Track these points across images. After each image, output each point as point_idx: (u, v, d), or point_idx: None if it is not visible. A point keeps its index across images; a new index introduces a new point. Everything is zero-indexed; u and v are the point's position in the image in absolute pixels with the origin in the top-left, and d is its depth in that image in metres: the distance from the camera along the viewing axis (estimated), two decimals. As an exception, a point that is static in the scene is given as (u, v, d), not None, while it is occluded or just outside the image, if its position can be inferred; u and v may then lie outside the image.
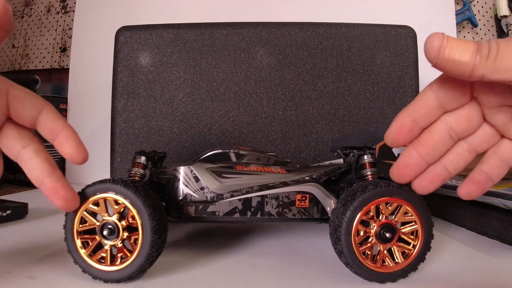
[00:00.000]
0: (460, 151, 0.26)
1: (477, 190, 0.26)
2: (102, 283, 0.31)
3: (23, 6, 1.00)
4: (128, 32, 0.56)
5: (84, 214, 0.31)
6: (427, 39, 0.21)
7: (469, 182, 0.26)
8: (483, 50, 0.20)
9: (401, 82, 0.55)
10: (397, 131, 0.25)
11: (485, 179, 0.25)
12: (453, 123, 0.25)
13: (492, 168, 0.25)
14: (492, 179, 0.26)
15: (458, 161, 0.26)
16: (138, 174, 0.35)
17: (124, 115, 0.55)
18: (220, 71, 0.55)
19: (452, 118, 0.25)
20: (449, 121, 0.25)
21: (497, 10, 0.85)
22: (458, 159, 0.26)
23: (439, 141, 0.25)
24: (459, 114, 0.25)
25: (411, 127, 0.25)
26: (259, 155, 0.39)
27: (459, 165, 0.26)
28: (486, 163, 0.26)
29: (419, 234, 0.31)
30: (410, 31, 0.55)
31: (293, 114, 0.55)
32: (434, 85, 0.25)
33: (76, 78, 0.89)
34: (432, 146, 0.25)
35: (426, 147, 0.26)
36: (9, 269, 0.33)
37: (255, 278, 0.32)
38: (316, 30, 0.55)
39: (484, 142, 0.26)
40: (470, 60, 0.20)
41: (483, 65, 0.20)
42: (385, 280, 0.31)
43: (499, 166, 0.25)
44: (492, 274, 0.34)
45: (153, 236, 0.30)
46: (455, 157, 0.26)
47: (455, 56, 0.20)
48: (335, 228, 0.31)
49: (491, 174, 0.25)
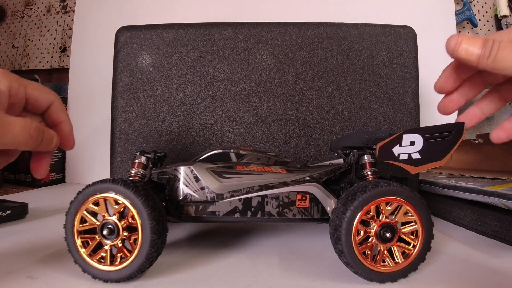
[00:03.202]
0: (492, 98, 0.33)
1: (505, 135, 0.32)
2: (102, 283, 0.31)
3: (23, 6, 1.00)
4: (128, 32, 0.56)
5: (84, 214, 0.31)
6: (447, 40, 0.29)
7: (499, 128, 0.32)
8: (487, 48, 0.27)
9: (401, 82, 0.55)
10: (444, 81, 0.33)
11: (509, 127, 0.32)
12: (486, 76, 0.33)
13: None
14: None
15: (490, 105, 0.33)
16: (138, 174, 0.35)
17: (124, 115, 0.55)
18: (220, 71, 0.55)
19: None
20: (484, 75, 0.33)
21: (497, 10, 0.85)
22: (491, 103, 0.33)
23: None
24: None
25: (455, 78, 0.33)
26: (259, 155, 0.39)
27: (492, 108, 0.33)
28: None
29: (419, 234, 0.31)
30: (410, 31, 0.55)
31: (293, 114, 0.55)
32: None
33: (76, 78, 0.89)
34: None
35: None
36: (9, 269, 0.33)
37: (255, 278, 0.32)
38: (316, 30, 0.55)
39: (511, 92, 0.32)
40: (479, 52, 0.27)
41: (484, 63, 0.27)
42: (385, 280, 0.31)
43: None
44: (492, 274, 0.34)
45: (152, 236, 0.30)
46: (488, 102, 0.33)
47: (469, 48, 0.28)
48: (335, 227, 0.31)
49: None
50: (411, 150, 0.33)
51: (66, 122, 0.32)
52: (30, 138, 0.27)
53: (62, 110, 0.32)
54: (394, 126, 0.54)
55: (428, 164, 0.33)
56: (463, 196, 0.47)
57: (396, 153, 0.33)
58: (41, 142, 0.28)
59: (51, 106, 0.31)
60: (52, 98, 0.31)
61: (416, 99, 0.55)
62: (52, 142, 0.30)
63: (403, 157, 0.33)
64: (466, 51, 0.28)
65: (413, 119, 0.54)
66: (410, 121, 0.54)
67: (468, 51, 0.28)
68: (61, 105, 0.32)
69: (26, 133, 0.27)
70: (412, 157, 0.33)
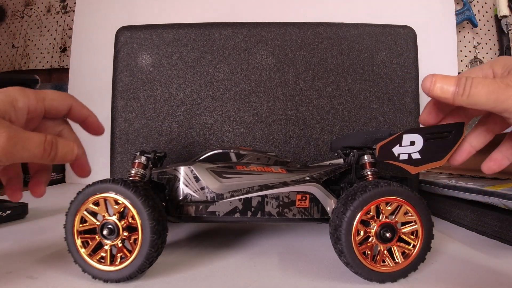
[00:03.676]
0: (480, 131, 0.34)
1: (496, 165, 0.33)
2: (102, 283, 0.31)
3: (23, 6, 1.00)
4: (128, 32, 0.56)
5: (84, 214, 0.31)
6: (423, 80, 0.30)
7: (488, 160, 0.33)
8: (460, 86, 0.28)
9: (401, 82, 0.55)
10: (427, 116, 0.35)
11: (501, 157, 0.32)
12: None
13: (507, 149, 0.32)
14: (508, 157, 0.32)
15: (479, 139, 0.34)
16: (138, 174, 0.35)
17: (124, 115, 0.55)
18: (220, 71, 0.55)
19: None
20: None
21: (497, 10, 0.85)
22: (479, 137, 0.34)
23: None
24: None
25: (437, 113, 0.34)
26: (260, 155, 0.39)
27: (481, 142, 0.34)
28: (502, 146, 0.33)
29: (419, 234, 0.31)
30: (410, 31, 0.55)
31: (293, 114, 0.55)
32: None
33: (76, 78, 0.89)
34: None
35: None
36: (9, 269, 0.33)
37: (255, 278, 0.32)
38: (316, 30, 0.55)
39: (496, 124, 0.33)
40: (453, 89, 0.29)
41: (459, 99, 0.28)
42: (385, 280, 0.31)
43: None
44: (492, 274, 0.34)
45: (152, 236, 0.30)
46: (477, 135, 0.34)
47: (443, 87, 0.29)
48: (335, 227, 0.31)
49: (506, 154, 0.32)
50: (411, 150, 0.33)
51: (90, 115, 0.35)
52: (45, 152, 0.29)
53: (82, 107, 0.35)
54: (394, 126, 0.54)
55: (428, 164, 0.33)
56: (463, 196, 0.47)
57: (396, 153, 0.33)
58: (55, 155, 0.30)
59: (71, 109, 0.34)
60: (70, 101, 0.34)
61: (416, 99, 0.55)
62: (70, 154, 0.31)
63: (403, 157, 0.33)
64: (441, 90, 0.29)
65: (413, 119, 0.54)
66: (410, 121, 0.54)
67: (443, 89, 0.29)
68: (79, 104, 0.35)
69: (41, 147, 0.28)
70: (412, 157, 0.33)
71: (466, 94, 0.28)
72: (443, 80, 0.29)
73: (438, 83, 0.29)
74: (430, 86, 0.29)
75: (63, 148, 0.31)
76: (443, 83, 0.29)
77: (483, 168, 0.33)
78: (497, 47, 0.87)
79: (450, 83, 0.29)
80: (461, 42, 0.86)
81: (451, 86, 0.29)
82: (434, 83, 0.29)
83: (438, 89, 0.29)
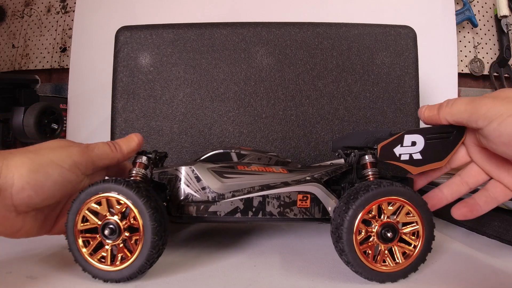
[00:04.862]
0: (455, 181, 0.37)
1: (466, 209, 0.36)
2: (102, 283, 0.31)
3: (23, 6, 1.00)
4: (128, 32, 0.56)
5: (86, 213, 0.31)
6: (418, 112, 0.36)
7: (460, 204, 0.36)
8: (444, 104, 0.33)
9: (401, 82, 0.55)
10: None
11: (473, 203, 0.35)
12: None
13: (480, 198, 0.35)
14: (481, 206, 0.35)
15: (455, 189, 0.37)
16: (140, 174, 0.35)
17: (124, 115, 0.55)
18: (220, 71, 0.55)
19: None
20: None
21: (497, 10, 0.85)
22: (455, 188, 0.37)
23: None
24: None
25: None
26: (261, 155, 0.39)
27: (455, 193, 0.37)
28: (478, 194, 0.36)
29: (420, 235, 0.31)
30: (410, 31, 0.55)
31: (293, 114, 0.55)
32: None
33: (76, 78, 0.89)
34: None
35: None
36: (9, 269, 0.33)
37: (255, 278, 0.32)
38: (316, 30, 0.55)
39: (472, 177, 0.36)
40: (436, 112, 0.34)
41: (443, 111, 0.33)
42: (385, 280, 0.31)
43: (488, 199, 0.35)
44: (492, 274, 0.34)
45: (154, 237, 0.30)
46: (451, 185, 0.37)
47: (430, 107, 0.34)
48: (336, 226, 0.31)
49: (479, 202, 0.35)
50: (412, 150, 0.33)
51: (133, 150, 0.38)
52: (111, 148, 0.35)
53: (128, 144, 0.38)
54: (394, 126, 0.54)
55: (429, 165, 0.33)
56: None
57: (397, 153, 0.33)
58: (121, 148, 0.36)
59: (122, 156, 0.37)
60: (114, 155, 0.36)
61: (416, 99, 0.55)
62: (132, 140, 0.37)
63: (404, 157, 0.33)
64: (428, 110, 0.34)
65: (413, 119, 0.54)
66: (410, 121, 0.54)
67: (430, 109, 0.34)
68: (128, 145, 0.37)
69: (106, 146, 0.35)
70: (413, 157, 0.33)
71: (449, 106, 0.32)
72: (430, 105, 0.35)
73: (426, 107, 0.35)
74: (421, 112, 0.35)
75: (123, 140, 0.36)
76: (429, 106, 0.35)
77: (453, 211, 0.37)
78: (497, 47, 0.87)
79: (436, 105, 0.34)
80: (461, 42, 0.86)
81: (437, 106, 0.34)
82: (423, 108, 0.35)
83: (426, 110, 0.35)
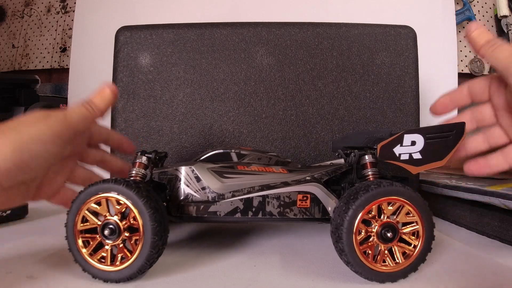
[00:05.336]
0: (478, 139, 0.37)
1: (474, 167, 0.35)
2: (102, 283, 0.31)
3: (23, 6, 1.00)
4: (128, 32, 0.56)
5: (86, 213, 0.31)
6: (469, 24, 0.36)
7: (471, 161, 0.36)
8: (493, 40, 0.33)
9: (401, 82, 0.55)
10: (439, 104, 0.38)
11: (484, 162, 0.35)
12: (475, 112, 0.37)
13: (492, 158, 0.35)
14: (490, 166, 0.35)
15: (475, 145, 0.37)
16: (139, 174, 0.35)
17: (124, 115, 0.55)
18: (220, 71, 0.55)
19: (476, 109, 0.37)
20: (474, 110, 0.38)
21: (497, 10, 0.85)
22: (475, 144, 0.37)
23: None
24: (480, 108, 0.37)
25: (448, 103, 0.38)
26: (261, 155, 0.39)
27: (475, 149, 0.37)
28: (493, 155, 0.35)
29: (420, 235, 0.31)
30: (410, 31, 0.55)
31: (293, 114, 0.55)
32: (468, 82, 0.37)
33: (76, 78, 0.89)
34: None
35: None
36: (9, 269, 0.33)
37: (255, 278, 0.32)
38: (316, 30, 0.55)
39: (494, 138, 0.36)
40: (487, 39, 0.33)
41: (485, 49, 0.33)
42: (385, 280, 0.31)
43: (499, 160, 0.35)
44: (492, 274, 0.34)
45: (153, 238, 0.30)
46: (472, 141, 0.37)
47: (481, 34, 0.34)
48: (336, 226, 0.31)
49: (491, 162, 0.35)
50: (412, 150, 0.33)
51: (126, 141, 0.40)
52: (86, 108, 0.34)
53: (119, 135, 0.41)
54: (394, 126, 0.54)
55: (429, 164, 0.33)
56: (463, 196, 0.47)
57: (397, 153, 0.33)
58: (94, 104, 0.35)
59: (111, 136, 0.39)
60: (108, 130, 0.39)
61: (416, 99, 0.55)
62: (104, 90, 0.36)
63: (404, 157, 0.33)
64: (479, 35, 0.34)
65: (413, 119, 0.54)
66: (410, 121, 0.54)
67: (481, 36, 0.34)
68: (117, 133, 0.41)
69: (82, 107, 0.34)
70: (413, 157, 0.33)
71: (493, 48, 0.32)
72: (484, 31, 0.34)
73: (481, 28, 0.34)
74: (473, 29, 0.34)
75: (96, 96, 0.35)
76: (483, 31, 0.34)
77: (464, 166, 0.36)
78: (497, 47, 0.87)
79: (488, 35, 0.34)
80: (461, 42, 0.86)
81: (487, 36, 0.33)
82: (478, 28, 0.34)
83: (480, 33, 0.34)
